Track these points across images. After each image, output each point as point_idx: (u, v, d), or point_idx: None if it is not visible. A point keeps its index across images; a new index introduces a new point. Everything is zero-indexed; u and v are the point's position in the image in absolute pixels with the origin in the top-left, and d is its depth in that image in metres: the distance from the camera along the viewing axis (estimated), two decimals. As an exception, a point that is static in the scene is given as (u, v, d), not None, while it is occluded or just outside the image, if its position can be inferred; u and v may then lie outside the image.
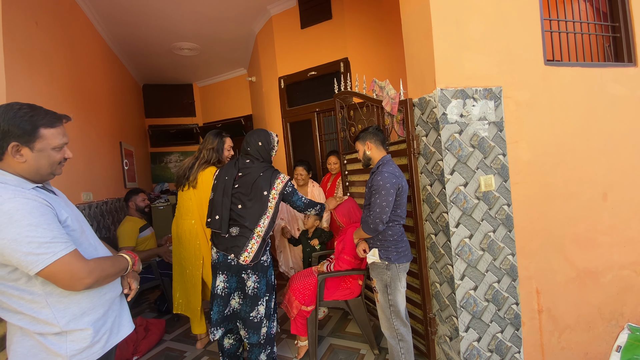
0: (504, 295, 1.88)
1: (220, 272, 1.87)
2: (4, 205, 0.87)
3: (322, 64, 3.67)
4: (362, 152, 1.85)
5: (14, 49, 2.03)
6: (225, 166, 1.98)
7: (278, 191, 1.86)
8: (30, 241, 0.87)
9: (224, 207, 1.83)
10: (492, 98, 1.84)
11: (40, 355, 0.95)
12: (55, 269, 0.91)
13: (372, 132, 1.84)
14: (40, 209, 0.92)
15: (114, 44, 4.25)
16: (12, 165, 0.96)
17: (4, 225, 0.86)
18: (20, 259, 0.87)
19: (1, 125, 0.92)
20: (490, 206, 1.84)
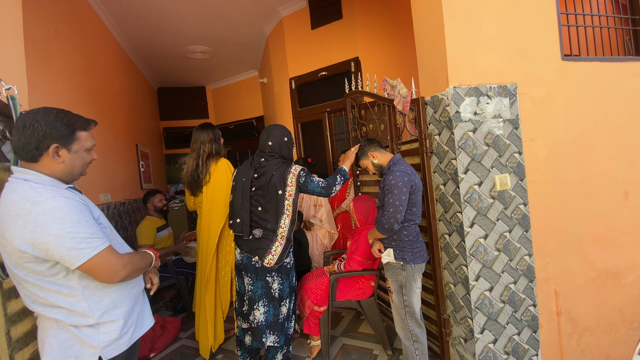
0: (521, 296, 1.84)
1: (245, 273, 1.86)
2: (46, 203, 0.92)
3: (333, 64, 3.67)
4: (370, 165, 1.86)
5: (35, 55, 2.11)
6: (242, 167, 1.94)
7: (293, 186, 1.80)
8: (72, 237, 0.93)
9: (243, 209, 1.81)
10: (507, 95, 1.80)
11: (74, 347, 1.00)
12: (95, 263, 0.97)
13: (367, 144, 1.87)
14: (78, 207, 0.98)
15: (130, 48, 4.35)
16: (49, 166, 1.01)
17: (48, 222, 0.91)
18: (64, 253, 0.92)
19: (43, 127, 0.97)
20: (506, 205, 1.80)
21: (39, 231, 0.90)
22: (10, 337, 1.14)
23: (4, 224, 0.92)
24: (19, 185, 0.95)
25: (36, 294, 0.97)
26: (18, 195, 0.93)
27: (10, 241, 0.91)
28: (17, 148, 0.99)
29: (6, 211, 0.92)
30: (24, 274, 0.95)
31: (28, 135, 0.97)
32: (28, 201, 0.92)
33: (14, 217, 0.91)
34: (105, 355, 1.03)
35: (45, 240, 0.91)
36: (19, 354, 1.17)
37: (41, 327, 1.02)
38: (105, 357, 1.03)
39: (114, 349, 1.05)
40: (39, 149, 0.98)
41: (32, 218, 0.90)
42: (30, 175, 0.98)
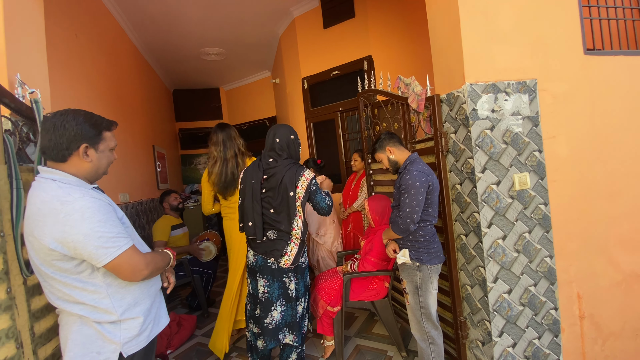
0: (541, 299, 1.79)
1: (260, 276, 1.81)
2: (76, 203, 0.95)
3: (345, 63, 3.65)
4: (386, 159, 1.82)
5: (56, 60, 2.18)
6: (249, 168, 1.89)
7: (304, 189, 1.76)
8: (100, 236, 0.96)
9: (255, 213, 1.78)
10: (526, 91, 1.75)
11: (97, 343, 1.02)
12: (120, 261, 0.99)
13: (386, 137, 1.82)
14: (105, 207, 1.01)
15: (146, 51, 4.45)
16: (77, 165, 1.04)
17: (78, 222, 0.94)
18: (92, 252, 0.95)
19: (74, 128, 1.01)
20: (526, 205, 1.75)
21: (69, 230, 0.93)
22: (34, 333, 1.18)
23: (34, 222, 0.95)
24: (48, 184, 0.98)
25: (62, 290, 1.00)
26: (47, 194, 0.96)
27: (40, 239, 0.94)
28: (46, 148, 1.01)
29: (36, 210, 0.95)
30: (51, 272, 0.98)
31: (59, 135, 1.00)
32: (58, 200, 0.94)
33: (44, 216, 0.94)
34: (126, 351, 1.05)
35: (74, 239, 0.93)
36: (41, 350, 1.21)
37: (64, 323, 1.05)
38: (126, 353, 1.05)
39: (133, 345, 1.08)
40: (69, 148, 1.02)
41: (61, 217, 0.93)
42: (57, 175, 1.01)
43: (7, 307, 1.08)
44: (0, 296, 1.06)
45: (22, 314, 1.14)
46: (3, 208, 1.10)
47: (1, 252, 1.08)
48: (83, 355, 1.02)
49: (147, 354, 1.15)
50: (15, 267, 1.12)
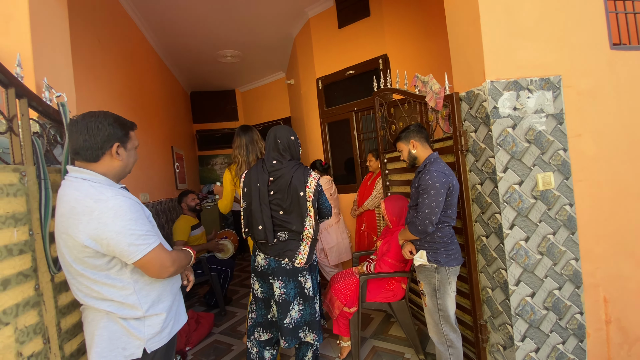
0: (566, 303, 1.72)
1: (275, 278, 1.77)
2: (109, 202, 0.99)
3: (360, 62, 3.62)
4: (406, 151, 1.78)
5: (81, 64, 2.26)
6: (251, 171, 1.84)
7: (312, 189, 1.74)
8: (131, 233, 0.99)
9: (264, 215, 1.75)
10: (550, 88, 1.69)
11: (122, 339, 1.06)
12: (150, 258, 1.03)
13: (415, 129, 1.75)
14: (135, 206, 1.05)
15: (165, 55, 4.56)
16: (107, 164, 1.09)
17: (111, 219, 0.97)
18: (124, 249, 0.99)
19: (107, 129, 1.06)
20: (550, 206, 1.69)
21: (102, 227, 0.96)
22: (60, 329, 1.22)
23: (68, 220, 0.98)
24: (80, 184, 1.02)
25: (90, 287, 1.03)
26: (81, 193, 0.99)
27: (74, 237, 0.97)
28: (80, 149, 1.05)
29: (70, 208, 0.99)
30: (82, 268, 1.01)
31: (93, 135, 1.04)
32: (91, 199, 0.98)
33: (79, 214, 0.97)
34: (149, 347, 1.08)
35: (107, 236, 0.97)
36: (67, 345, 1.26)
37: (91, 320, 1.08)
38: (149, 349, 1.08)
39: (156, 342, 1.10)
40: (103, 148, 1.06)
41: (96, 215, 0.97)
42: (88, 175, 1.04)
43: (35, 304, 1.12)
44: (29, 293, 1.10)
45: (49, 310, 1.18)
46: (32, 208, 1.15)
47: (30, 250, 1.13)
48: (109, 350, 1.05)
49: (168, 351, 1.17)
50: (43, 264, 1.17)
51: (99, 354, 1.04)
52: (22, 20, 1.39)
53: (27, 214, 1.13)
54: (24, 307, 1.07)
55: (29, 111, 1.23)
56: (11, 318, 1.01)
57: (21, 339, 1.04)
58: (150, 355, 1.09)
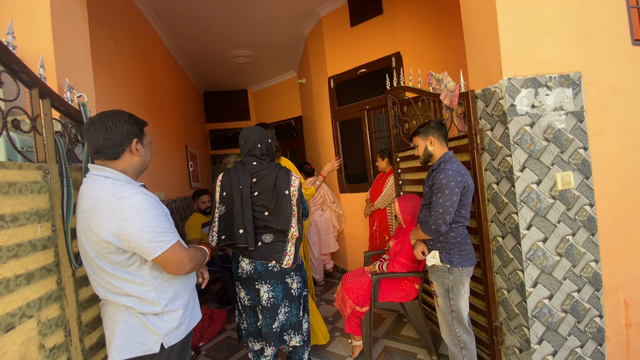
0: (585, 306, 1.67)
1: (262, 282, 1.70)
2: (131, 199, 1.01)
3: (373, 61, 3.60)
4: (423, 147, 1.74)
5: (99, 66, 2.32)
6: (230, 173, 1.77)
7: (296, 188, 1.72)
8: (152, 230, 1.02)
9: (246, 219, 1.68)
10: (570, 85, 1.64)
11: (141, 334, 1.08)
12: (169, 255, 1.05)
13: (434, 126, 1.72)
14: (155, 204, 1.08)
15: (179, 55, 4.63)
16: (127, 161, 1.12)
17: (132, 216, 1.00)
18: (145, 245, 1.01)
19: (125, 126, 1.09)
20: (569, 206, 1.64)
21: (124, 224, 0.99)
22: (81, 322, 1.26)
23: (91, 216, 1.01)
24: (102, 181, 1.05)
25: (111, 283, 1.06)
26: (103, 190, 1.02)
27: (97, 232, 1.00)
28: (102, 147, 1.08)
29: (92, 205, 1.01)
30: (104, 264, 1.04)
31: (113, 133, 1.07)
32: (114, 196, 1.01)
33: (101, 210, 1.00)
34: (167, 342, 1.10)
35: (129, 232, 0.99)
36: (87, 338, 1.29)
37: (111, 314, 1.11)
38: (167, 344, 1.10)
39: (173, 337, 1.12)
40: (123, 145, 1.09)
41: (118, 212, 0.99)
42: (109, 172, 1.08)
43: (57, 297, 1.16)
44: (51, 287, 1.14)
45: (70, 303, 1.22)
46: (55, 205, 1.18)
47: (53, 245, 1.16)
48: (129, 345, 1.07)
49: (185, 346, 1.20)
50: (65, 259, 1.20)
51: (119, 347, 1.07)
52: (44, 23, 1.44)
53: (50, 210, 1.16)
54: (46, 301, 1.10)
55: (51, 111, 1.27)
56: (34, 311, 1.04)
57: (44, 332, 1.07)
58: (168, 351, 1.12)
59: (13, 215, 1.00)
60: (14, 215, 1.00)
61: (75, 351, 1.21)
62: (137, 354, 1.08)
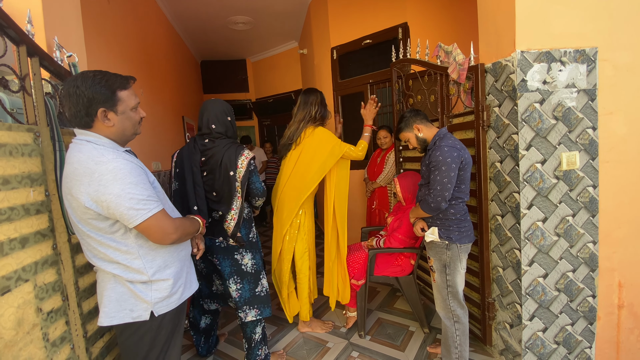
0: (579, 286, 1.70)
1: (211, 256, 1.77)
2: (109, 164, 0.96)
3: (379, 31, 3.45)
4: (414, 138, 1.73)
5: (91, 27, 2.19)
6: (184, 151, 1.75)
7: (244, 169, 1.67)
8: (131, 197, 0.97)
9: (198, 197, 1.68)
10: (585, 61, 1.57)
11: (129, 301, 1.08)
12: (150, 224, 1.01)
13: (412, 114, 1.71)
14: (137, 170, 1.02)
15: (175, 21, 4.42)
16: (102, 130, 1.04)
17: (110, 182, 0.95)
18: (123, 212, 0.97)
19: (85, 93, 0.98)
20: (572, 187, 1.62)
21: (102, 190, 0.95)
22: (78, 287, 1.26)
23: (71, 181, 0.98)
24: (83, 146, 1.00)
25: (97, 249, 1.04)
26: (83, 155, 0.98)
27: (77, 197, 0.97)
28: (70, 118, 1.02)
29: (72, 169, 0.98)
30: (87, 230, 1.01)
31: (74, 103, 0.99)
32: (92, 161, 0.96)
33: (80, 175, 0.96)
34: (157, 310, 1.10)
35: (107, 198, 0.95)
36: (85, 303, 1.30)
37: (100, 281, 1.11)
38: (157, 313, 1.10)
39: (164, 306, 1.12)
40: (89, 115, 1.01)
41: (96, 177, 0.95)
42: (92, 137, 1.02)
43: (53, 262, 1.15)
44: (47, 252, 1.13)
45: (67, 269, 1.21)
46: (47, 169, 1.15)
47: (47, 210, 1.14)
48: (117, 311, 1.07)
49: (178, 315, 1.19)
50: (60, 225, 1.18)
51: (107, 313, 1.07)
52: (29, -26, 1.33)
53: (42, 174, 1.13)
54: (42, 265, 1.09)
55: (40, 70, 1.20)
56: (30, 275, 1.04)
57: (40, 296, 1.07)
58: (159, 319, 1.11)
59: (4, 177, 0.96)
60: (4, 177, 0.97)
61: (74, 315, 1.21)
62: (126, 320, 1.07)
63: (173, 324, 1.17)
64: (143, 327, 1.10)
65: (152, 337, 1.12)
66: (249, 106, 6.36)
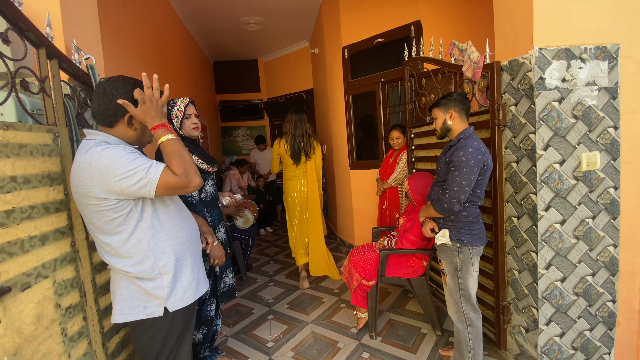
0: (598, 290, 1.64)
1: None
2: (103, 152, 0.97)
3: (391, 30, 3.41)
4: (441, 121, 1.65)
5: (107, 29, 2.24)
6: None
7: None
8: (136, 171, 0.97)
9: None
10: (606, 58, 1.52)
11: (142, 298, 1.10)
12: (167, 179, 1.00)
13: (457, 98, 1.61)
14: (129, 148, 1.03)
15: (188, 22, 4.48)
16: (122, 132, 1.07)
17: (110, 167, 0.96)
18: (137, 187, 0.97)
19: (122, 96, 1.03)
20: (592, 188, 1.57)
21: (106, 176, 0.96)
22: (95, 284, 1.29)
23: (77, 178, 1.00)
24: (87, 144, 1.02)
25: (109, 244, 1.05)
26: (84, 151, 1.00)
27: (86, 193, 0.98)
28: (96, 113, 1.05)
29: (76, 167, 1.00)
30: (101, 224, 1.03)
31: (108, 102, 1.02)
32: (88, 154, 0.98)
33: (81, 170, 0.98)
34: (170, 307, 1.11)
35: (114, 182, 0.96)
36: (102, 299, 1.33)
37: (113, 279, 1.13)
38: (171, 309, 1.12)
39: (178, 302, 1.13)
40: (116, 116, 1.05)
41: (94, 167, 0.96)
42: (99, 136, 1.04)
43: (71, 259, 1.18)
44: (66, 249, 1.16)
45: (85, 266, 1.24)
46: (66, 169, 1.18)
47: (65, 209, 1.17)
48: (131, 308, 1.09)
49: (189, 312, 1.21)
50: (78, 223, 1.21)
51: (121, 311, 1.09)
52: (49, -21, 1.37)
53: (61, 174, 1.16)
54: (61, 262, 1.12)
55: (60, 72, 1.23)
56: (50, 272, 1.06)
57: (59, 292, 1.10)
58: (172, 315, 1.13)
59: (25, 177, 0.99)
60: (25, 177, 1.00)
61: (91, 311, 1.24)
62: (140, 316, 1.09)
63: (184, 322, 1.19)
64: (156, 325, 1.12)
65: (165, 334, 1.14)
66: (260, 106, 6.40)
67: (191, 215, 1.21)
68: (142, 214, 1.06)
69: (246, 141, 6.60)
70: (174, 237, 1.13)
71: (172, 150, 1.04)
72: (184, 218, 1.20)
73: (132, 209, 1.04)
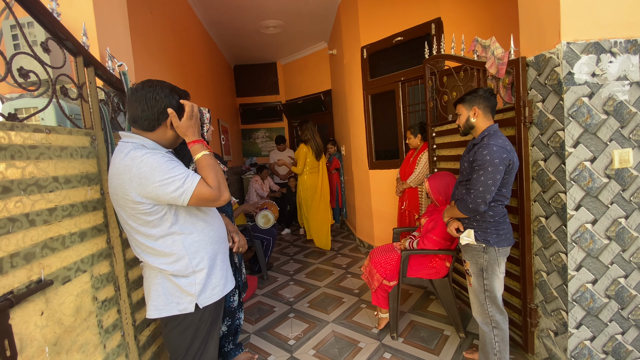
0: (631, 292, 1.57)
1: None
2: (144, 157, 1.03)
3: (410, 28, 3.38)
4: (465, 117, 1.62)
5: (136, 36, 2.34)
6: None
7: None
8: (174, 180, 1.02)
9: None
10: (637, 51, 1.45)
11: (176, 294, 1.15)
12: (201, 190, 1.05)
13: (482, 95, 1.56)
14: (168, 156, 1.09)
15: (210, 27, 4.60)
16: (161, 135, 1.13)
17: (149, 173, 1.01)
18: (172, 195, 1.03)
19: (164, 100, 1.09)
20: (625, 187, 1.50)
21: (145, 182, 1.01)
22: (128, 279, 1.36)
23: (115, 181, 1.05)
24: (125, 147, 1.07)
25: (145, 244, 1.10)
26: (123, 154, 1.05)
27: (124, 196, 1.04)
28: (138, 118, 1.09)
29: (115, 170, 1.06)
30: (137, 225, 1.08)
31: (151, 107, 1.08)
32: (129, 157, 1.03)
33: (121, 174, 1.03)
34: (201, 303, 1.16)
35: (152, 189, 1.02)
36: (134, 293, 1.40)
37: (147, 276, 1.18)
38: (201, 305, 1.16)
39: (207, 298, 1.18)
40: (159, 119, 1.10)
41: (134, 172, 1.01)
42: (135, 139, 1.10)
43: (107, 255, 1.25)
44: (102, 245, 1.23)
45: (119, 261, 1.31)
46: (102, 169, 1.25)
47: (102, 207, 1.24)
48: (165, 304, 1.14)
49: (217, 308, 1.25)
50: (113, 221, 1.28)
51: (156, 307, 1.14)
52: (85, -9, 1.45)
53: (98, 174, 1.23)
54: (98, 258, 1.19)
55: (95, 79, 1.31)
56: (88, 266, 1.13)
57: (96, 285, 1.17)
58: (202, 310, 1.17)
59: (66, 177, 1.06)
60: (66, 177, 1.06)
61: (124, 304, 1.31)
62: (173, 312, 1.14)
63: (213, 317, 1.23)
64: (187, 320, 1.17)
65: (195, 329, 1.18)
66: (279, 108, 6.48)
67: (219, 215, 1.26)
68: (176, 217, 1.11)
69: (265, 142, 6.69)
70: (206, 236, 1.18)
71: (207, 165, 1.10)
72: (213, 218, 1.25)
73: (167, 212, 1.09)
